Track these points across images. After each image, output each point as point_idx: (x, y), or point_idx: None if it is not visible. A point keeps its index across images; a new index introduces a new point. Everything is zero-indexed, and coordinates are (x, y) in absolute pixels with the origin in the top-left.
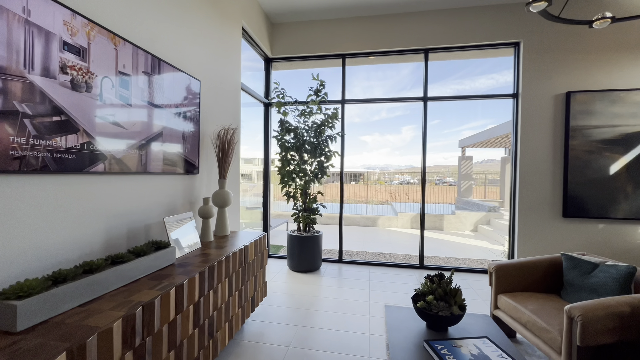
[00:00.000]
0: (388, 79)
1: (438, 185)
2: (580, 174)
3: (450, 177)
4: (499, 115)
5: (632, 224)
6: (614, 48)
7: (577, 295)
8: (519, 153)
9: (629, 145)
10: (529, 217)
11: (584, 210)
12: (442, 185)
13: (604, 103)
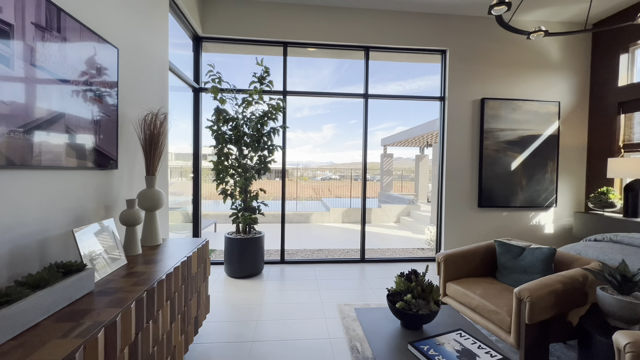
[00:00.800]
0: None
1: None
2: (490, 170)
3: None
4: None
5: (525, 210)
6: (515, 64)
7: (511, 276)
8: (446, 151)
9: (524, 146)
10: (453, 208)
11: (493, 201)
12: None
13: (507, 110)
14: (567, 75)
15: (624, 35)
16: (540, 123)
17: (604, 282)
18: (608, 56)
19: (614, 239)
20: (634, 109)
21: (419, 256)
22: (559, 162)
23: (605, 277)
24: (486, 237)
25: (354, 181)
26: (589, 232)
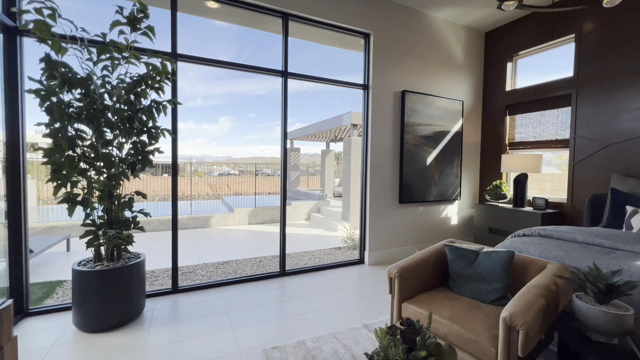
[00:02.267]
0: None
1: (258, 176)
2: (410, 165)
3: (269, 167)
4: (306, 115)
5: (438, 204)
6: (430, 59)
7: (468, 286)
8: (370, 145)
9: (437, 141)
10: (377, 205)
11: (412, 196)
12: (261, 176)
13: (424, 105)
14: (467, 76)
15: (509, 45)
16: (449, 120)
17: (579, 290)
18: (497, 62)
19: (542, 234)
20: (517, 111)
21: (343, 260)
22: (462, 158)
23: (582, 285)
24: (406, 233)
25: (258, 177)
26: (487, 222)
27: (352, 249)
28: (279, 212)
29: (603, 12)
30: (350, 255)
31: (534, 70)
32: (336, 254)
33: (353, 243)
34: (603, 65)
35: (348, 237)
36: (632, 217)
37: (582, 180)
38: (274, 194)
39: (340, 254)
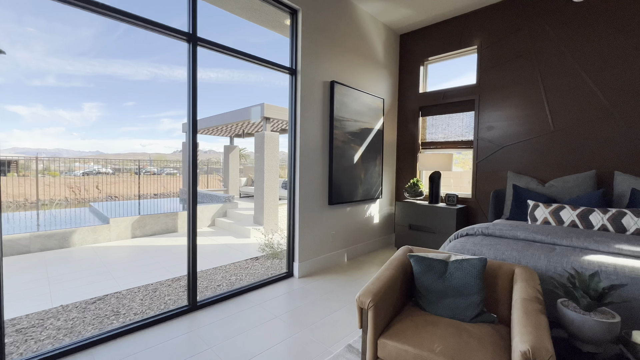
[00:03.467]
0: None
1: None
2: (339, 162)
3: (155, 165)
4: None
5: (363, 203)
6: (357, 52)
7: (443, 303)
8: (299, 139)
9: (362, 138)
10: (307, 207)
11: (342, 196)
12: (145, 175)
13: (351, 99)
14: (386, 75)
15: (421, 49)
16: (373, 117)
17: (562, 297)
18: (411, 65)
19: (485, 232)
20: (429, 113)
21: (270, 277)
22: (383, 156)
23: (571, 293)
24: (336, 237)
25: (141, 176)
26: (407, 219)
27: (273, 257)
28: (178, 218)
29: (497, 29)
30: (272, 265)
31: (444, 76)
32: (255, 267)
33: (272, 250)
34: (497, 76)
35: (266, 244)
36: (534, 210)
37: (484, 178)
38: (164, 196)
39: (260, 265)
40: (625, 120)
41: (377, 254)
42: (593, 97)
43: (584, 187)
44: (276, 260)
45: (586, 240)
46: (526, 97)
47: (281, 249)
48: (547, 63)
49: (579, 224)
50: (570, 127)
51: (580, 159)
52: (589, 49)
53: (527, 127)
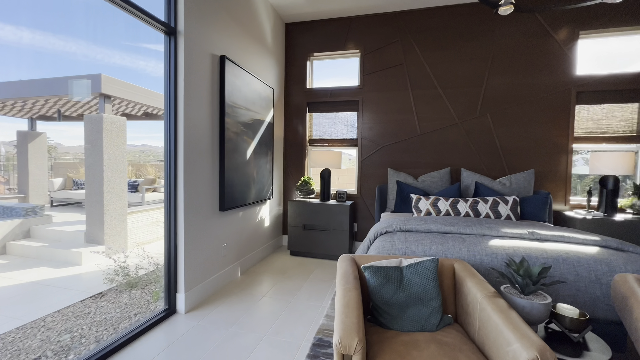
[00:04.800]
0: None
1: None
2: (232, 158)
3: None
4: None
5: (255, 206)
6: (250, 32)
7: (407, 315)
8: (182, 125)
9: (255, 131)
10: (194, 217)
11: (234, 200)
12: None
13: (243, 82)
14: (275, 63)
15: (307, 43)
16: (264, 108)
17: (504, 284)
18: (298, 57)
19: (402, 228)
20: (317, 110)
21: (140, 324)
22: (273, 152)
23: (515, 280)
24: (228, 249)
25: None
26: (301, 219)
27: (130, 288)
28: None
29: (377, 38)
30: (133, 302)
31: (331, 74)
32: (102, 308)
33: (128, 279)
34: (377, 82)
35: (116, 271)
36: (418, 202)
37: (367, 175)
38: None
39: (110, 304)
40: (465, 129)
41: (271, 261)
42: (446, 109)
43: (445, 181)
44: (137, 291)
45: (481, 228)
46: (400, 103)
47: (146, 273)
48: (415, 75)
49: (451, 212)
50: (431, 132)
51: (439, 158)
52: (443, 70)
53: (401, 130)
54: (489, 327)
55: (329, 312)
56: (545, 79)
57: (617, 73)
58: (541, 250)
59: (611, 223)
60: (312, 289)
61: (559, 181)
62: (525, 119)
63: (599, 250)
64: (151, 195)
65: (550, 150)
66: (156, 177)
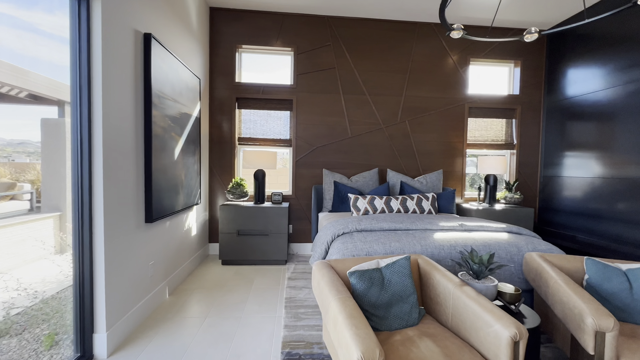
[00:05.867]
0: None
1: None
2: (159, 158)
3: None
4: None
5: (183, 213)
6: (175, 8)
7: (391, 314)
8: (101, 115)
9: (183, 126)
10: (115, 231)
11: (163, 208)
12: None
13: (171, 68)
14: (201, 51)
15: (235, 33)
16: (191, 100)
17: (464, 272)
18: (225, 47)
19: (358, 228)
20: (247, 106)
21: None
22: (201, 151)
23: (471, 268)
24: (156, 267)
25: None
26: (235, 224)
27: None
28: None
29: (310, 39)
30: (21, 357)
31: (264, 70)
32: None
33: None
34: (311, 82)
35: None
36: (356, 201)
37: (302, 175)
38: None
39: None
40: (388, 133)
41: (201, 274)
42: (372, 114)
43: (375, 180)
44: (9, 340)
45: (424, 223)
46: (333, 105)
47: (23, 311)
48: (346, 80)
49: (385, 209)
50: (360, 135)
51: (368, 159)
52: (370, 77)
53: (334, 132)
54: (464, 313)
55: (287, 322)
56: (448, 94)
57: (492, 95)
58: (472, 239)
59: (494, 211)
60: (259, 300)
61: (457, 179)
62: (434, 126)
63: (508, 236)
64: (7, 205)
65: (452, 154)
66: (15, 181)
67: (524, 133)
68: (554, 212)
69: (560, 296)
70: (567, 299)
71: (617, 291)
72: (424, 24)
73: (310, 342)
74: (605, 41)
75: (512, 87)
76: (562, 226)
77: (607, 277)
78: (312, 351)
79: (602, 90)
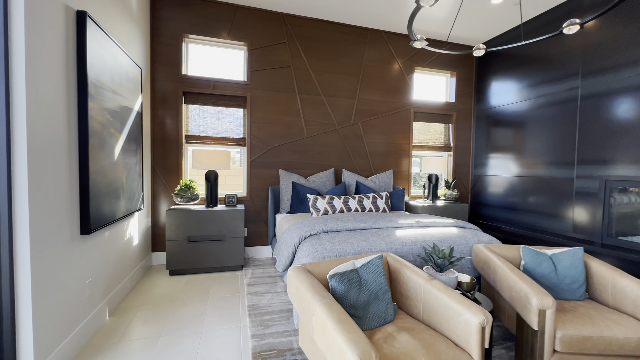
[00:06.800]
0: None
1: None
2: (98, 158)
3: None
4: None
5: (124, 220)
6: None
7: (370, 312)
8: (26, 110)
9: (123, 121)
10: (44, 246)
11: (102, 217)
12: None
13: (110, 55)
14: (141, 36)
15: (181, 20)
16: (132, 92)
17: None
18: (169, 35)
19: (325, 229)
20: (196, 101)
21: None
22: (143, 150)
23: (435, 262)
24: (94, 285)
25: None
26: (185, 230)
27: None
28: None
29: (265, 35)
30: None
31: (215, 63)
32: None
33: None
34: (267, 80)
35: None
36: (315, 202)
37: (257, 176)
38: None
39: None
40: (342, 134)
41: (147, 289)
42: (327, 114)
43: (331, 181)
44: None
45: (384, 222)
46: (289, 105)
47: None
48: (302, 80)
49: (344, 209)
50: (316, 135)
51: (324, 159)
52: (325, 78)
53: (290, 131)
54: (435, 305)
55: (254, 332)
56: (396, 99)
57: (434, 101)
58: (430, 235)
59: (436, 207)
60: (219, 310)
61: (404, 178)
62: (385, 129)
63: (457, 230)
64: None
65: (399, 155)
66: None
67: (458, 137)
68: (482, 207)
69: (507, 282)
70: (514, 284)
71: (546, 273)
72: (375, 31)
73: (281, 349)
74: (522, 60)
75: (449, 95)
76: (490, 218)
77: (538, 262)
78: (285, 359)
79: (518, 102)
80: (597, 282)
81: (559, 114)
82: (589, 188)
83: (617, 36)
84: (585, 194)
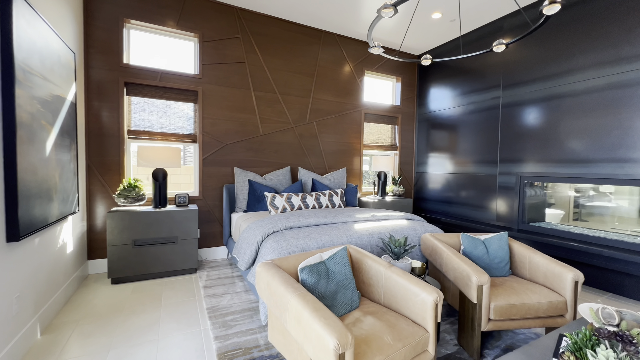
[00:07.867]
0: None
1: None
2: (27, 154)
3: None
4: None
5: (57, 225)
6: None
7: (338, 300)
8: None
9: (55, 113)
10: None
11: (32, 221)
12: None
13: (38, 34)
14: (73, 17)
15: (121, 4)
16: (65, 79)
17: (388, 254)
18: (105, 19)
19: (287, 226)
20: (139, 94)
21: None
22: (78, 145)
23: (393, 251)
24: (22, 300)
25: None
26: (130, 233)
27: None
28: None
29: (218, 28)
30: None
31: (162, 53)
32: None
33: None
34: (220, 75)
35: None
36: (274, 200)
37: (210, 174)
38: None
39: None
40: (298, 133)
41: (85, 301)
42: (283, 113)
43: (287, 179)
44: None
45: (343, 217)
46: (243, 101)
47: None
48: (256, 76)
49: (302, 206)
50: (271, 133)
51: (279, 157)
52: (280, 77)
53: (244, 129)
54: (395, 289)
55: (217, 333)
56: (348, 100)
57: (382, 104)
58: (384, 227)
59: (386, 202)
60: (176, 316)
61: (356, 176)
62: (338, 128)
63: (407, 222)
64: None
65: (351, 154)
66: None
67: (403, 137)
68: (424, 201)
69: (452, 264)
70: (457, 266)
71: (481, 255)
72: (328, 33)
73: (248, 347)
74: (456, 71)
75: (395, 99)
76: (431, 211)
77: (474, 246)
78: (253, 356)
79: (452, 108)
80: (518, 260)
81: (485, 119)
82: (508, 183)
83: (528, 56)
84: (505, 188)
